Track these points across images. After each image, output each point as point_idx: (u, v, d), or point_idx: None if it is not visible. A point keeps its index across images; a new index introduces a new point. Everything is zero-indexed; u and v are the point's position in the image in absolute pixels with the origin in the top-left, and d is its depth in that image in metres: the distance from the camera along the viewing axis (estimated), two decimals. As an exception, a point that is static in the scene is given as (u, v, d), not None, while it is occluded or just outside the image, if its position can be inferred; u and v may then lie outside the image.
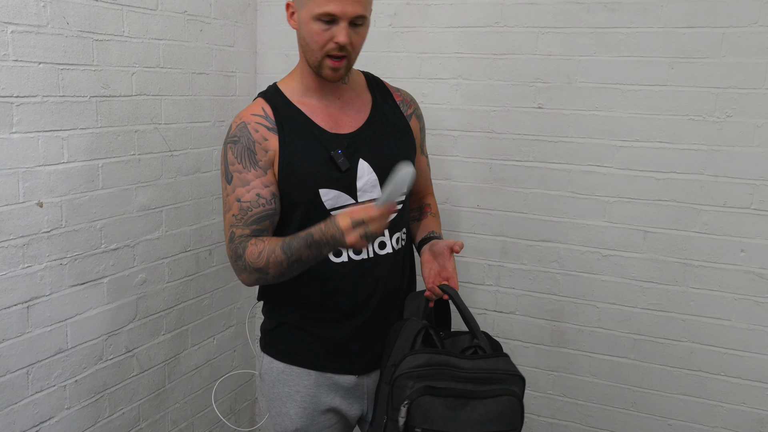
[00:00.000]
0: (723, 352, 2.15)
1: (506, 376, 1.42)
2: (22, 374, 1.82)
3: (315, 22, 1.43)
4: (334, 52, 1.46)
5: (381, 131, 1.60)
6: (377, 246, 1.57)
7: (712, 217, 2.11)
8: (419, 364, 1.40)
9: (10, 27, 1.67)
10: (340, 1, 1.40)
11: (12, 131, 1.71)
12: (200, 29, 2.33)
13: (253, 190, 1.48)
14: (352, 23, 1.43)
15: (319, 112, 1.55)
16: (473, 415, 1.38)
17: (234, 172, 1.49)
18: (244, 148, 1.48)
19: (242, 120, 1.52)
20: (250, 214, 1.49)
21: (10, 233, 1.74)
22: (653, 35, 2.08)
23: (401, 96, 1.71)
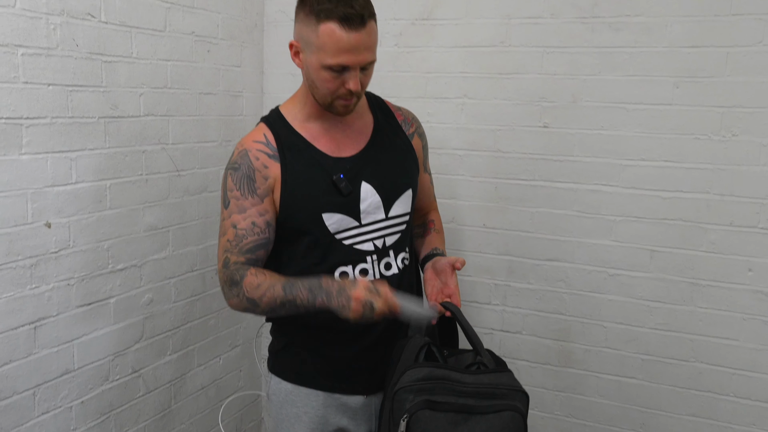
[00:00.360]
0: (732, 372, 2.14)
1: (509, 392, 1.40)
2: (29, 395, 1.82)
3: (325, 70, 1.43)
4: (345, 96, 1.47)
5: (383, 152, 1.60)
6: (383, 267, 1.57)
7: (719, 236, 2.10)
8: (419, 377, 1.39)
9: (20, 50, 1.69)
10: (352, 52, 1.39)
11: (21, 152, 1.72)
12: (207, 50, 2.35)
13: (249, 218, 1.49)
14: (362, 68, 1.44)
15: (321, 136, 1.55)
16: (475, 430, 1.36)
17: (232, 198, 1.50)
18: (244, 176, 1.49)
19: (244, 147, 1.52)
20: (246, 242, 1.50)
21: (18, 254, 1.75)
22: (658, 55, 2.09)
23: (403, 115, 1.71)
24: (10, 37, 1.66)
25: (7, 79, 1.66)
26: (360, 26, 1.38)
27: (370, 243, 1.55)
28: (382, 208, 1.56)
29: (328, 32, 1.38)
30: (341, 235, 1.52)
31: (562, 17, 2.19)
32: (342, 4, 1.37)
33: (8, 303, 1.74)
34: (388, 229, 1.58)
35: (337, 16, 1.37)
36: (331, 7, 1.37)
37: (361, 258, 1.55)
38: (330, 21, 1.37)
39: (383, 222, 1.57)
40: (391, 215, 1.58)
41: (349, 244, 1.54)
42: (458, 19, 2.32)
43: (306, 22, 1.42)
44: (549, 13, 2.20)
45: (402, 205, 1.60)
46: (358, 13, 1.37)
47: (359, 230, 1.54)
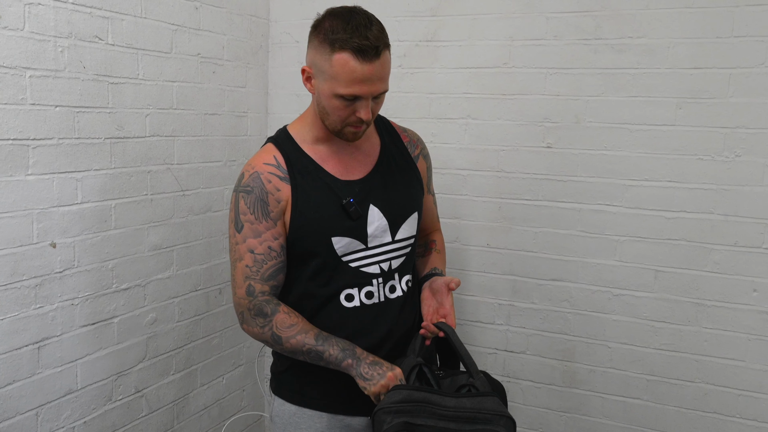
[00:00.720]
0: (738, 393, 2.12)
1: (492, 417, 1.38)
2: (32, 416, 1.81)
3: (336, 98, 1.43)
4: (356, 124, 1.47)
5: (390, 175, 1.61)
6: (388, 290, 1.57)
7: (724, 256, 2.10)
8: (398, 399, 1.38)
9: (28, 72, 1.71)
10: (365, 83, 1.39)
11: (28, 173, 1.74)
12: (213, 71, 2.37)
13: (265, 242, 1.49)
14: (373, 97, 1.45)
15: (330, 158, 1.56)
16: None
17: (245, 222, 1.49)
18: (257, 199, 1.49)
19: (255, 169, 1.52)
20: (266, 267, 1.49)
21: (24, 274, 1.75)
22: (660, 76, 2.11)
23: (408, 137, 1.71)
24: (19, 59, 1.68)
25: (15, 101, 1.68)
26: (374, 58, 1.38)
27: (377, 266, 1.55)
28: (388, 232, 1.56)
29: (341, 62, 1.38)
30: (348, 258, 1.53)
31: (565, 39, 2.20)
32: (357, 35, 1.37)
33: (12, 323, 1.74)
34: (394, 252, 1.58)
35: (351, 47, 1.36)
36: (346, 37, 1.37)
37: (367, 281, 1.55)
38: (344, 51, 1.37)
39: (390, 245, 1.57)
40: (397, 238, 1.58)
41: (355, 267, 1.54)
42: (462, 40, 2.34)
43: (320, 50, 1.42)
44: (552, 35, 2.22)
45: (408, 229, 1.61)
46: (372, 45, 1.37)
47: (366, 253, 1.54)
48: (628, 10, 2.12)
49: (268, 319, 1.48)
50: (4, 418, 1.74)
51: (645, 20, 2.11)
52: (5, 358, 1.73)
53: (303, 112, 1.62)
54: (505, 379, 2.42)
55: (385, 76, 1.44)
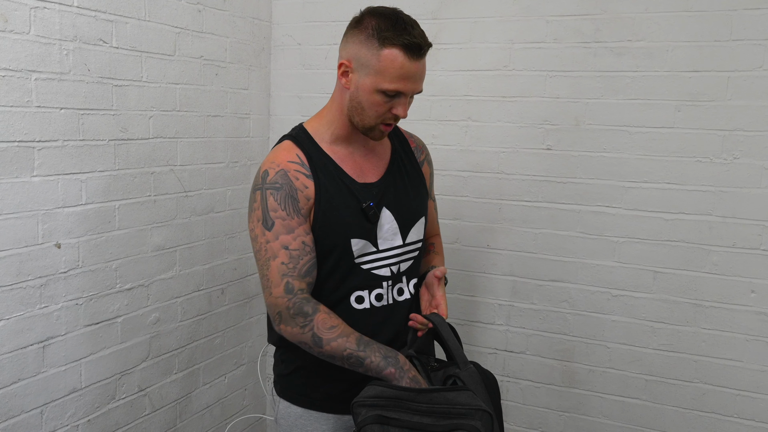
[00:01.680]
0: (735, 393, 2.14)
1: (467, 411, 1.37)
2: (36, 414, 1.84)
3: (379, 94, 1.44)
4: (389, 121, 1.49)
5: (400, 179, 1.63)
6: (396, 293, 1.59)
7: (722, 257, 2.12)
8: (372, 395, 1.39)
9: (33, 75, 1.73)
10: (409, 80, 1.42)
11: (33, 174, 1.76)
12: (216, 73, 2.39)
13: (299, 237, 1.47)
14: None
15: (347, 160, 1.56)
16: None
17: (277, 219, 1.47)
18: (287, 196, 1.47)
19: (281, 167, 1.50)
20: (302, 263, 1.47)
21: (29, 274, 1.78)
22: (659, 79, 2.12)
23: (415, 142, 1.73)
24: (24, 62, 1.70)
25: (20, 103, 1.70)
26: (420, 56, 1.42)
27: (387, 269, 1.57)
28: (399, 235, 1.58)
29: (391, 57, 1.40)
30: (361, 260, 1.54)
31: (565, 42, 2.22)
32: (405, 33, 1.40)
33: (18, 322, 1.76)
34: (404, 255, 1.60)
35: (401, 43, 1.39)
36: (395, 34, 1.40)
37: (377, 283, 1.56)
38: (394, 47, 1.40)
39: (400, 248, 1.59)
40: (407, 242, 1.60)
41: (367, 269, 1.55)
42: (462, 43, 2.36)
43: (367, 45, 1.43)
44: (552, 38, 2.24)
45: (417, 232, 1.63)
46: (419, 43, 1.41)
47: (377, 255, 1.56)
48: (627, 14, 2.14)
49: (308, 319, 1.44)
50: (9, 416, 1.76)
51: (644, 24, 2.12)
52: (11, 357, 1.75)
53: (320, 111, 1.60)
54: (505, 379, 2.44)
55: (424, 77, 1.47)
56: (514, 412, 2.45)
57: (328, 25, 2.54)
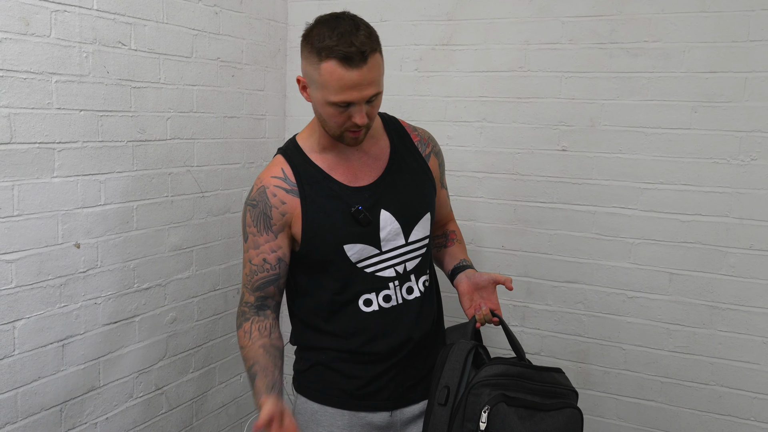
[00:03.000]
0: (752, 396, 2.13)
1: (566, 391, 1.49)
2: (56, 411, 1.86)
3: (330, 106, 1.42)
4: (353, 128, 1.48)
5: (401, 178, 1.61)
6: (405, 292, 1.59)
7: (739, 259, 2.10)
8: (496, 373, 1.46)
9: (54, 77, 1.76)
10: (355, 89, 1.39)
11: (53, 175, 1.78)
12: (232, 75, 2.41)
13: (261, 254, 1.55)
14: (367, 101, 1.44)
15: (338, 166, 1.57)
16: (541, 426, 1.42)
17: (249, 234, 1.56)
18: (261, 213, 1.53)
19: (262, 183, 1.55)
20: (256, 278, 1.57)
21: (49, 273, 1.80)
22: (676, 80, 2.11)
23: (419, 136, 1.70)
24: (45, 65, 1.73)
25: (41, 105, 1.73)
26: (361, 63, 1.37)
27: (392, 269, 1.57)
28: (401, 235, 1.58)
29: (329, 71, 1.38)
30: (363, 264, 1.55)
31: (581, 43, 2.22)
32: (343, 42, 1.36)
33: (38, 321, 1.79)
34: (409, 254, 1.60)
35: (337, 55, 1.36)
36: (332, 44, 1.36)
37: (384, 285, 1.57)
38: (330, 60, 1.37)
39: (404, 248, 1.59)
40: (411, 240, 1.59)
41: (370, 272, 1.56)
42: (477, 44, 2.36)
43: (309, 60, 1.42)
44: (567, 39, 2.23)
45: (421, 230, 1.62)
46: (358, 50, 1.36)
47: (380, 257, 1.56)
48: (643, 15, 2.13)
49: (238, 330, 1.61)
50: (29, 413, 1.79)
51: (660, 24, 2.12)
52: (31, 356, 1.78)
53: (309, 123, 1.62)
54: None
55: (376, 80, 1.42)
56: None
57: (344, 26, 2.55)
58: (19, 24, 1.66)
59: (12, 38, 1.65)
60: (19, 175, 1.70)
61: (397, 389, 1.62)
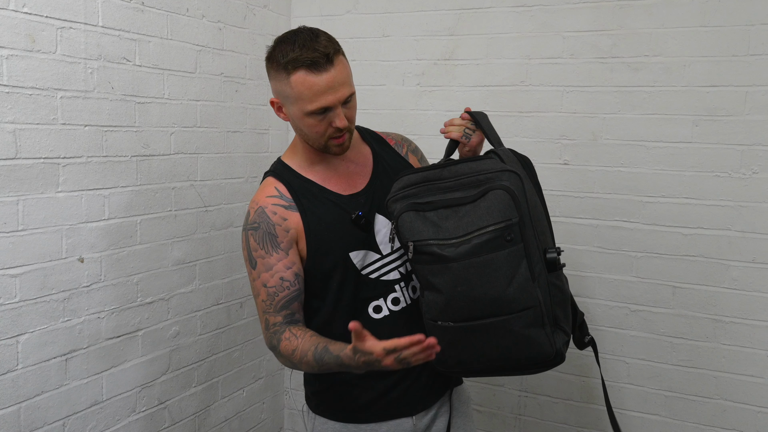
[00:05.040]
0: (756, 410, 2.12)
1: (494, 175, 1.38)
2: (59, 426, 1.86)
3: (309, 117, 1.45)
4: (335, 135, 1.49)
5: (387, 180, 1.62)
6: (411, 291, 1.60)
7: (742, 272, 2.10)
8: (400, 187, 1.45)
9: (59, 93, 1.77)
10: (328, 92, 1.42)
11: (58, 190, 1.80)
12: (236, 90, 2.42)
13: (277, 274, 1.51)
14: (343, 103, 1.46)
15: (330, 178, 1.58)
16: (464, 219, 1.37)
17: (257, 258, 1.52)
18: (265, 233, 1.51)
19: (259, 204, 1.53)
20: (278, 299, 1.52)
21: (53, 288, 1.81)
22: (677, 94, 2.13)
23: (393, 139, 1.74)
24: (51, 81, 1.75)
25: (46, 121, 1.75)
26: (328, 66, 1.41)
27: (396, 272, 1.58)
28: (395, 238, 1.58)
29: (300, 81, 1.41)
30: (367, 270, 1.55)
31: (582, 57, 2.23)
32: (306, 50, 1.40)
33: (41, 335, 1.79)
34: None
35: (303, 63, 1.39)
36: (296, 56, 1.40)
37: (390, 288, 1.57)
38: (298, 70, 1.40)
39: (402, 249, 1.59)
40: None
41: (375, 278, 1.56)
42: (479, 59, 2.38)
43: (278, 78, 1.45)
44: (568, 54, 2.25)
45: None
46: (322, 54, 1.40)
47: (383, 261, 1.57)
48: (644, 29, 2.15)
49: (278, 350, 1.52)
50: (32, 428, 1.78)
51: (661, 39, 2.13)
52: (34, 370, 1.78)
53: (291, 143, 1.63)
54: (522, 394, 2.43)
55: (346, 80, 1.45)
56: (532, 428, 2.44)
57: (346, 41, 2.57)
58: (25, 41, 1.68)
59: (18, 55, 1.67)
60: (23, 190, 1.71)
61: (418, 391, 1.61)
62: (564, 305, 1.45)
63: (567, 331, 1.45)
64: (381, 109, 2.52)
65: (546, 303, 1.39)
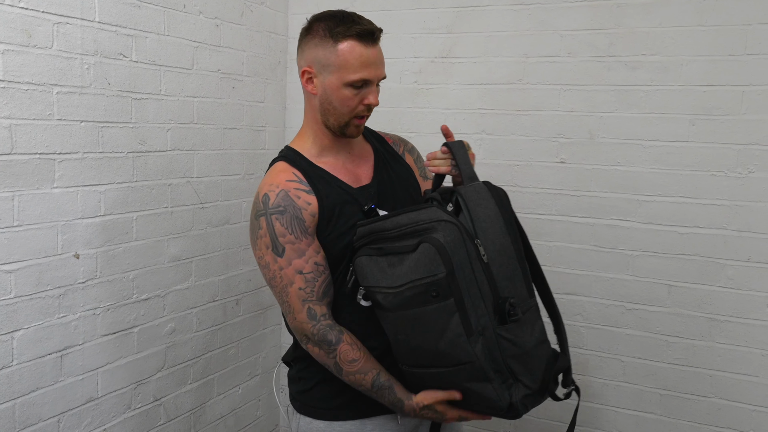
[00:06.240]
0: (751, 409, 2.13)
1: (430, 225, 1.38)
2: (54, 422, 1.86)
3: (347, 88, 1.47)
4: (363, 113, 1.51)
5: (389, 176, 1.64)
6: None
7: (737, 271, 2.11)
8: (358, 237, 1.48)
9: (55, 88, 1.77)
10: (371, 66, 1.47)
11: (53, 186, 1.79)
12: (232, 86, 2.42)
13: (311, 259, 1.48)
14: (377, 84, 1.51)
15: (339, 168, 1.58)
16: (403, 269, 1.37)
17: (286, 244, 1.46)
18: (293, 218, 1.47)
19: (281, 188, 1.50)
20: (318, 284, 1.49)
21: (48, 284, 1.80)
22: (673, 93, 2.13)
23: (391, 139, 1.75)
24: (47, 76, 1.74)
25: (42, 116, 1.74)
26: (375, 42, 1.47)
27: None
28: None
29: (348, 49, 1.45)
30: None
31: (579, 56, 2.23)
32: (355, 24, 1.45)
33: (36, 332, 1.79)
34: None
35: (354, 33, 1.44)
36: (346, 27, 1.45)
37: None
38: (348, 39, 1.45)
39: None
40: None
41: None
42: (477, 57, 2.38)
43: (322, 46, 1.47)
44: (566, 52, 2.25)
45: None
46: (372, 30, 1.46)
47: None
48: (641, 28, 2.15)
49: (332, 348, 1.48)
50: (27, 424, 1.78)
51: (658, 38, 2.13)
52: (29, 366, 1.78)
53: (299, 131, 1.63)
54: (518, 392, 2.43)
55: (384, 62, 1.51)
56: (527, 426, 2.44)
57: (344, 39, 2.57)
58: (22, 36, 1.67)
59: (14, 50, 1.66)
60: (19, 186, 1.70)
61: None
62: (522, 359, 1.41)
63: (528, 384, 1.42)
64: (378, 107, 2.51)
65: (490, 358, 1.37)
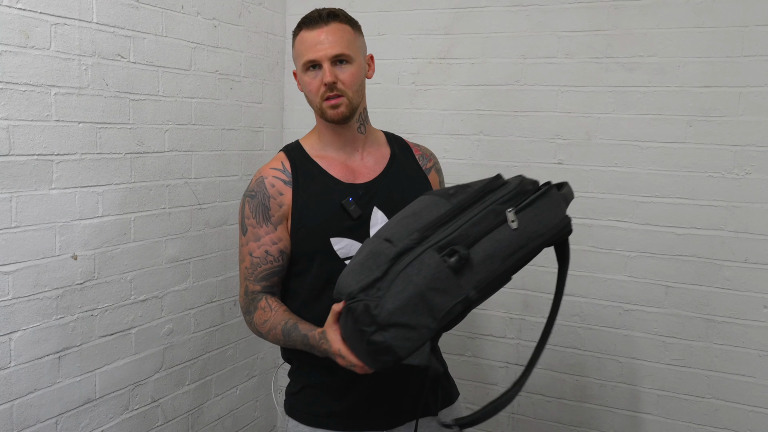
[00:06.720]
0: (749, 409, 2.13)
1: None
2: (51, 424, 1.86)
3: (305, 74, 1.54)
4: (327, 94, 1.53)
5: (397, 181, 1.63)
6: None
7: (734, 272, 2.11)
8: None
9: (53, 89, 1.76)
10: (318, 46, 1.51)
11: (51, 187, 1.79)
12: (230, 87, 2.42)
13: (263, 246, 1.55)
14: (335, 63, 1.52)
15: (336, 164, 1.60)
16: None
17: (249, 226, 1.57)
18: (259, 204, 1.56)
19: (261, 174, 1.60)
20: (259, 270, 1.56)
21: (46, 285, 1.80)
22: (671, 94, 2.13)
23: (421, 151, 1.75)
24: (45, 77, 1.74)
25: (40, 117, 1.74)
26: (322, 24, 1.51)
27: None
28: None
29: (300, 39, 1.54)
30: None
31: (577, 57, 2.24)
32: (309, 14, 1.54)
33: (34, 333, 1.78)
34: None
35: (303, 23, 1.54)
36: (302, 20, 1.55)
37: None
38: (299, 30, 1.55)
39: None
40: None
41: None
42: (474, 58, 2.38)
43: (292, 46, 1.58)
44: (563, 54, 2.25)
45: None
46: (321, 15, 1.52)
47: None
48: (638, 29, 2.15)
49: (250, 317, 1.58)
50: (24, 426, 1.78)
51: (656, 39, 2.14)
52: (27, 368, 1.77)
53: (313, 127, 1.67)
54: (516, 393, 2.44)
55: (338, 42, 1.51)
56: (525, 426, 2.45)
57: (342, 40, 2.57)
58: (19, 37, 1.67)
59: (12, 51, 1.66)
60: (17, 187, 1.70)
61: (392, 409, 1.59)
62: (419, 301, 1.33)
63: None
64: (376, 108, 2.51)
65: None
